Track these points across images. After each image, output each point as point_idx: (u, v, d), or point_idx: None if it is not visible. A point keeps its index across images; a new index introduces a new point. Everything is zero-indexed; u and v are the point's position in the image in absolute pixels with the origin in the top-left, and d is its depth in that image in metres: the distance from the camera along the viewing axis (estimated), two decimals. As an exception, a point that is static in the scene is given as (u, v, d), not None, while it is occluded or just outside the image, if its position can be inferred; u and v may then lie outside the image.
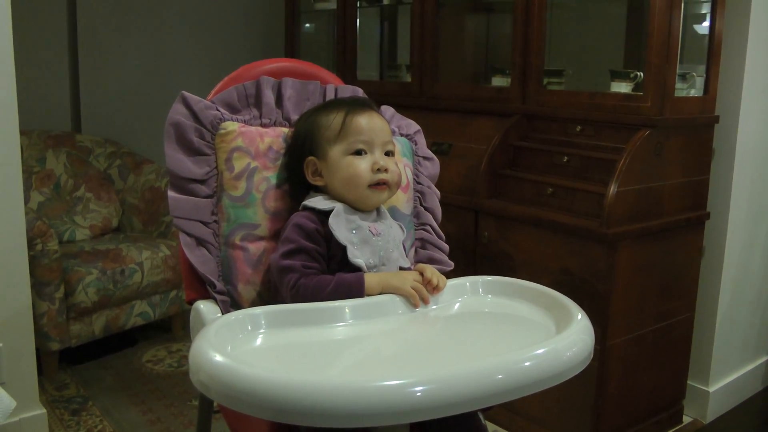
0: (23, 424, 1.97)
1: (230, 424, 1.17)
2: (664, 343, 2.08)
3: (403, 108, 1.72)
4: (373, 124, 1.22)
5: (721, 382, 2.30)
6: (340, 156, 1.20)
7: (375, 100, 1.43)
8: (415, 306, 1.12)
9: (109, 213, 2.88)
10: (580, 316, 1.02)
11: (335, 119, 1.22)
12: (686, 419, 2.26)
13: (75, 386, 2.39)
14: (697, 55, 2.12)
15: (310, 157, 1.23)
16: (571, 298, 1.09)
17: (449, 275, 1.23)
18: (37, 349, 2.16)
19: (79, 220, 2.80)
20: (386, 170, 1.20)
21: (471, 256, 2.17)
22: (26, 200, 2.66)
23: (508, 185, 2.14)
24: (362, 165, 1.19)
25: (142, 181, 2.91)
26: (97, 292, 2.45)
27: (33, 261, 2.25)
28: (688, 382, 2.25)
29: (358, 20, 2.90)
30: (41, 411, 2.02)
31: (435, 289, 1.15)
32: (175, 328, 2.85)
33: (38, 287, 2.31)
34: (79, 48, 3.08)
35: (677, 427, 2.21)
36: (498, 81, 2.45)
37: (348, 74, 2.90)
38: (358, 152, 1.20)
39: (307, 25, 3.44)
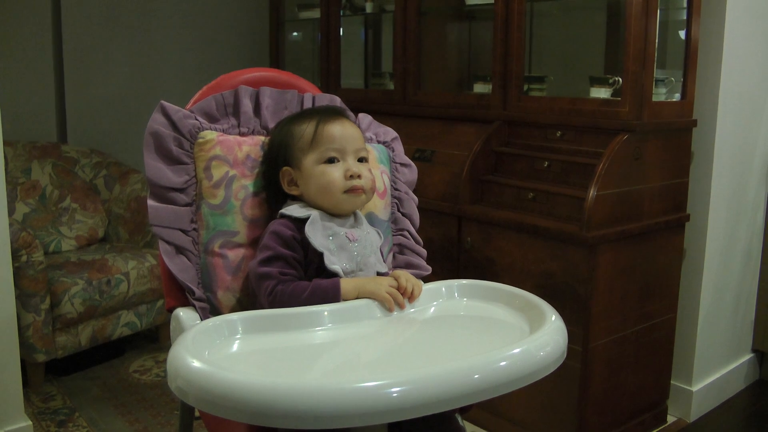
0: (9, 435, 1.97)
1: (210, 429, 1.18)
2: (647, 343, 2.10)
3: (386, 115, 1.74)
4: (344, 131, 1.23)
5: (704, 381, 2.32)
6: (313, 165, 1.22)
7: (359, 108, 1.45)
8: (390, 310, 1.13)
9: (95, 223, 2.89)
10: (553, 317, 1.04)
11: (307, 129, 1.24)
12: (670, 419, 2.28)
13: (61, 397, 2.38)
14: (678, 61, 2.15)
15: (285, 168, 1.25)
16: (553, 302, 1.11)
17: (428, 280, 1.25)
18: (23, 361, 2.16)
19: (64, 230, 2.80)
20: (359, 176, 1.22)
21: (455, 262, 2.19)
22: (11, 211, 2.66)
23: (490, 191, 2.16)
24: (335, 173, 1.21)
25: (128, 191, 2.92)
26: (83, 302, 2.45)
27: (18, 272, 2.26)
28: (672, 381, 2.28)
29: (341, 29, 2.92)
30: (27, 423, 2.02)
31: (410, 297, 1.16)
32: (161, 338, 2.85)
33: (24, 298, 2.31)
34: (65, 58, 3.09)
35: (661, 427, 2.23)
36: (480, 88, 2.48)
37: (332, 83, 2.92)
38: (331, 160, 1.22)
39: (295, 33, 3.46)
